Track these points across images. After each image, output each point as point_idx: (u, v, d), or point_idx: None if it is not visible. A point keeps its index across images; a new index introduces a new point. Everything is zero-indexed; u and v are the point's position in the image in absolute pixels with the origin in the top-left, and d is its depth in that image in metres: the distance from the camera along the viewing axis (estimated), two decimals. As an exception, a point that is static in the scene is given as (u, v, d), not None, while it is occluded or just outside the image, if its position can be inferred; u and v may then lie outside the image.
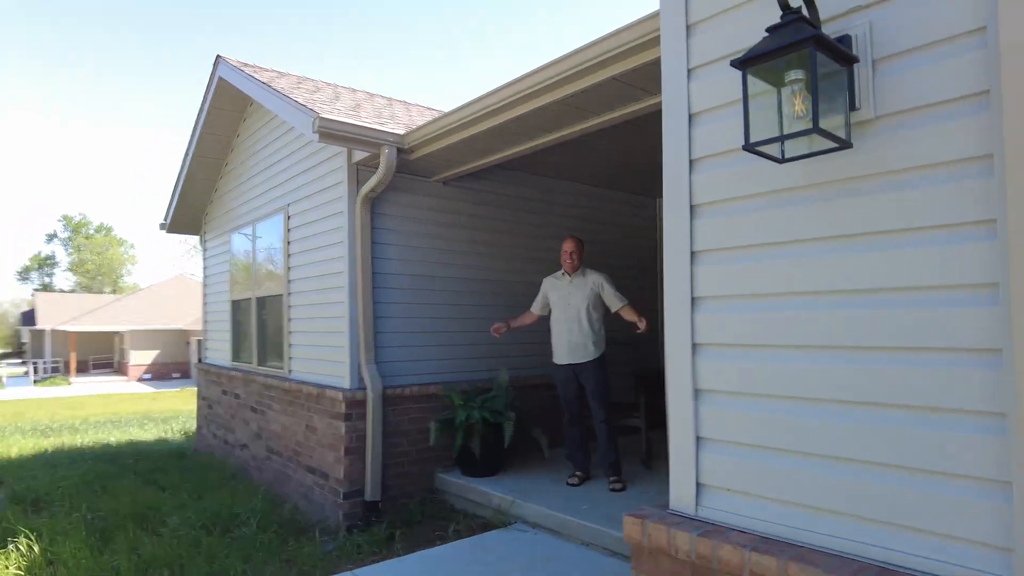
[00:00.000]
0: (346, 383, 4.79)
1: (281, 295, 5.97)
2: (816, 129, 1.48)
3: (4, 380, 35.53)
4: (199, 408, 8.32)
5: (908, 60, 1.52)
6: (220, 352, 7.80)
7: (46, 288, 71.53)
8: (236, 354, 7.21)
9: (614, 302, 4.65)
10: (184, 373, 33.19)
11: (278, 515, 4.98)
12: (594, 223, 6.46)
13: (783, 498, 1.66)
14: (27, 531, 4.53)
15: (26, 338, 48.73)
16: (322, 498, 4.93)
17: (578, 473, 4.69)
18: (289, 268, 5.85)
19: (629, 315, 4.60)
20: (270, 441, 5.99)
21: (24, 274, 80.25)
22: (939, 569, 1.43)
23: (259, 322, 6.56)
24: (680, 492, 1.87)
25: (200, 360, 8.56)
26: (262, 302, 6.50)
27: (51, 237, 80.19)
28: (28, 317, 46.99)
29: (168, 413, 15.58)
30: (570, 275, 4.77)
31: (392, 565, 3.76)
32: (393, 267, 5.06)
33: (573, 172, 6.13)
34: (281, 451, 5.73)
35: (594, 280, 4.71)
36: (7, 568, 4.02)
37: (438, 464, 5.09)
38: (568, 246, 4.76)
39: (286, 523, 4.80)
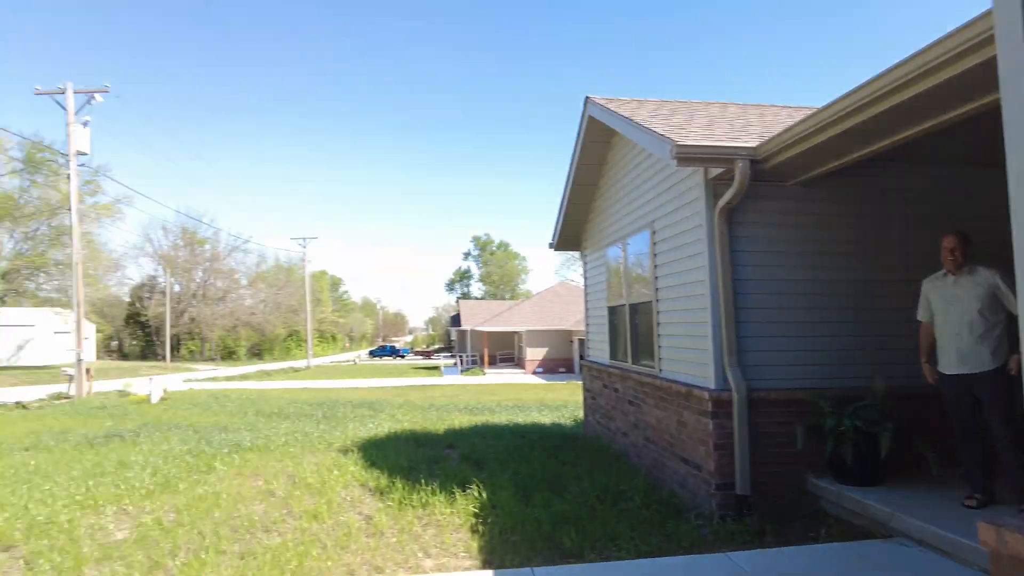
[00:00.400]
0: (711, 384, 5.22)
1: (650, 301, 6.69)
2: None
3: (442, 369, 45.34)
4: (584, 399, 9.68)
5: None
6: (599, 351, 8.97)
7: (465, 296, 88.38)
8: (613, 353, 8.24)
9: (1013, 303, 4.07)
10: (568, 368, 37.49)
11: (657, 496, 5.67)
12: (990, 211, 5.58)
13: None
14: (477, 482, 6.13)
15: (454, 336, 61.12)
16: (695, 487, 5.45)
17: (977, 495, 4.23)
18: (656, 277, 6.53)
19: None
20: (646, 431, 6.76)
21: (450, 285, 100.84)
22: None
23: (631, 325, 7.42)
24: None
25: (583, 357, 9.94)
26: (634, 308, 7.34)
27: (467, 255, 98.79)
28: (455, 319, 58.90)
29: (559, 402, 18.06)
30: (954, 274, 4.34)
31: (767, 554, 4.06)
32: (752, 273, 5.30)
33: (960, 155, 5.44)
34: (656, 441, 6.44)
35: (986, 278, 4.19)
36: (468, 505, 5.57)
37: (806, 467, 5.13)
38: (948, 242, 4.33)
39: (664, 504, 5.45)
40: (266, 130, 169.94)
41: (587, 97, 7.94)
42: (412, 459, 7.54)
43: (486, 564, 4.41)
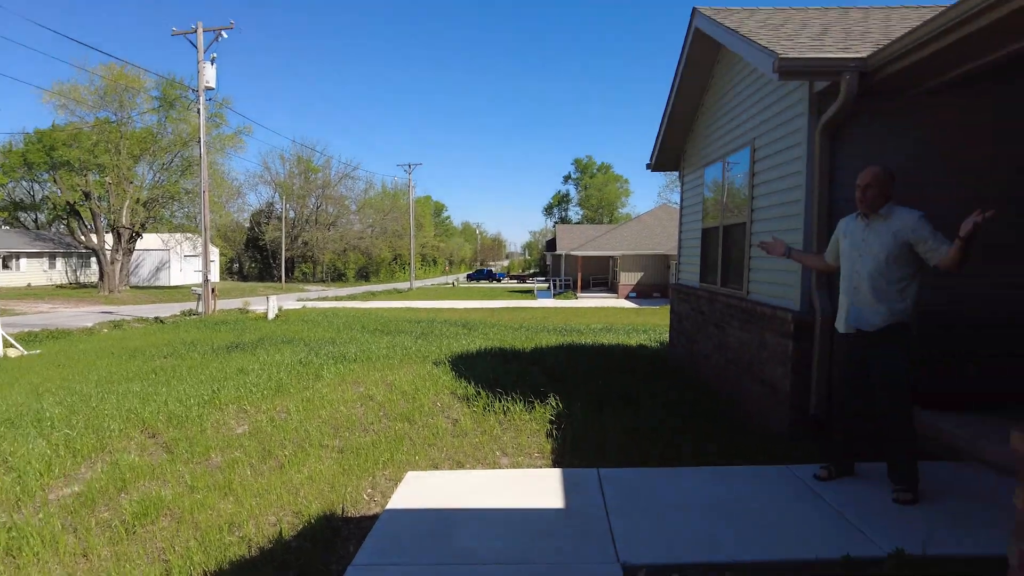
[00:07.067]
0: (796, 306, 5.09)
1: (744, 223, 6.47)
2: None
3: (535, 292, 46.04)
4: (671, 321, 9.64)
5: None
6: (690, 274, 8.84)
7: (563, 220, 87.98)
8: (703, 276, 8.10)
9: (934, 251, 3.56)
10: (663, 293, 36.96)
11: (730, 415, 5.75)
12: None
13: None
14: (555, 394, 6.39)
15: (549, 261, 61.50)
16: (769, 407, 5.43)
17: (830, 467, 4.02)
18: (752, 198, 6.29)
19: None
20: (727, 353, 6.71)
21: (548, 209, 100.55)
22: None
23: (724, 248, 7.24)
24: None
25: (674, 281, 9.83)
26: (727, 230, 7.13)
27: (567, 178, 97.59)
28: (550, 244, 59.13)
29: (648, 326, 18.05)
30: (867, 217, 3.83)
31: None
32: (850, 194, 4.95)
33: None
34: (736, 362, 6.39)
35: (903, 222, 3.66)
36: (545, 414, 5.85)
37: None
38: (862, 179, 3.81)
39: (735, 421, 5.54)
40: (377, 59, 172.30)
41: (695, 8, 7.50)
42: (498, 372, 7.90)
43: (556, 463, 4.70)
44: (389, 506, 3.83)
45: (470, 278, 77.60)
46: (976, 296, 4.84)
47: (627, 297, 38.13)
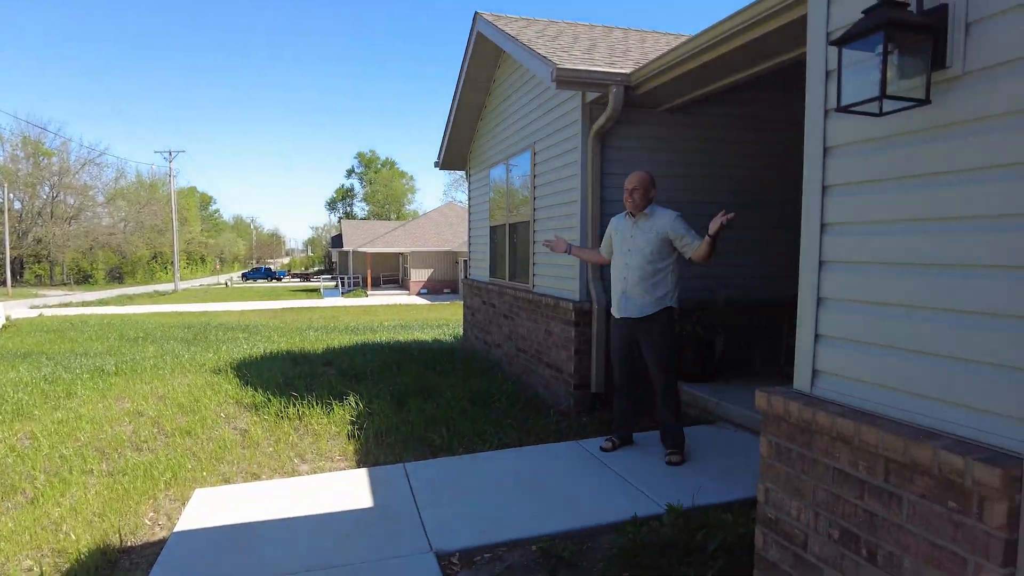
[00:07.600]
0: (576, 296, 5.62)
1: (528, 221, 6.93)
2: (883, 96, 1.77)
3: (322, 291, 44.30)
4: (464, 315, 9.98)
5: (998, 22, 1.67)
6: (480, 269, 9.22)
7: (348, 216, 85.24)
8: (492, 271, 8.51)
9: (688, 245, 4.09)
10: (453, 289, 37.87)
11: (523, 398, 6.13)
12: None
13: (873, 380, 2.05)
14: (354, 393, 6.28)
15: (335, 258, 59.37)
16: (557, 388, 5.93)
17: (614, 439, 4.52)
18: (534, 198, 6.75)
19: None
20: (518, 341, 7.16)
21: (332, 204, 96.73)
22: (970, 434, 1.76)
23: (511, 244, 7.68)
24: (800, 376, 2.36)
25: (465, 276, 10.17)
26: (513, 228, 7.57)
27: (350, 172, 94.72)
28: (336, 240, 56.99)
29: (441, 321, 18.40)
30: (634, 216, 4.28)
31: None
32: (618, 194, 5.60)
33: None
34: (527, 350, 6.85)
35: (663, 221, 4.16)
36: (345, 415, 5.73)
37: (656, 370, 5.72)
38: (629, 183, 4.24)
39: (529, 404, 5.93)
40: (127, 26, 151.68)
41: (476, 13, 7.79)
42: (288, 376, 7.53)
43: (360, 464, 4.64)
44: (178, 528, 3.50)
45: (246, 277, 71.97)
46: (723, 287, 5.79)
47: (419, 294, 38.38)
